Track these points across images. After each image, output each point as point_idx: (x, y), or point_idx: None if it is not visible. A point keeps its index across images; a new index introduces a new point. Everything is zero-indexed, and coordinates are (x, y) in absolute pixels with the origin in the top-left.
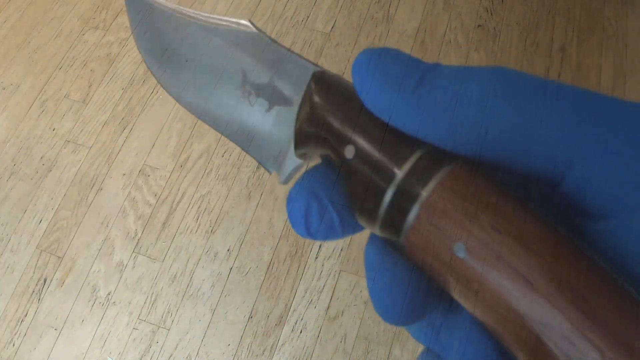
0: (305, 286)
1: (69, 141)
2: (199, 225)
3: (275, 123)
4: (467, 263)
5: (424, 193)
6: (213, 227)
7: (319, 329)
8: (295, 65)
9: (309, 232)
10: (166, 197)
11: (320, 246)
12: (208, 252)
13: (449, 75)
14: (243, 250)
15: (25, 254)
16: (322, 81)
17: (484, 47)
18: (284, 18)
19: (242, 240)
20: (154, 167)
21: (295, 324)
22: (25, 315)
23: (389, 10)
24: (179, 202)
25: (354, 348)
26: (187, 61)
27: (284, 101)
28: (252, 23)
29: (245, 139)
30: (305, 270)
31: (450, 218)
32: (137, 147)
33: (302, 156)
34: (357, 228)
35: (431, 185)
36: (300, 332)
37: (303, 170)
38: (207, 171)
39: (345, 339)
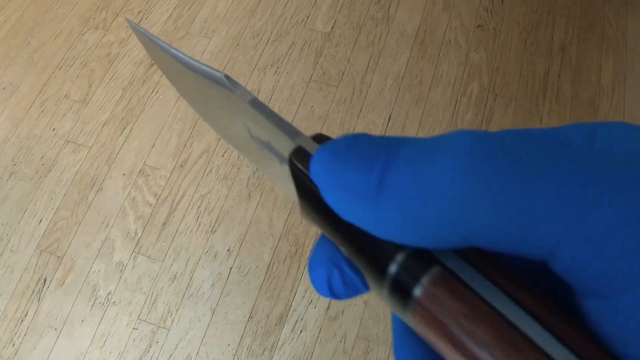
0: (305, 286)
1: (69, 141)
2: (199, 225)
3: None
4: None
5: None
6: (213, 227)
7: (319, 329)
8: (273, 135)
9: (335, 295)
10: (166, 197)
11: None
12: (208, 252)
13: (410, 165)
14: (243, 250)
15: (25, 254)
16: (303, 163)
17: (484, 47)
18: (284, 18)
19: (242, 240)
20: (154, 167)
21: (295, 324)
22: (25, 315)
23: (389, 10)
24: (179, 202)
25: (354, 348)
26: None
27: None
28: (227, 77)
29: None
30: (305, 270)
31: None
32: (137, 147)
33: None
34: None
35: (410, 307)
36: (300, 332)
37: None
38: (207, 171)
39: (345, 339)
